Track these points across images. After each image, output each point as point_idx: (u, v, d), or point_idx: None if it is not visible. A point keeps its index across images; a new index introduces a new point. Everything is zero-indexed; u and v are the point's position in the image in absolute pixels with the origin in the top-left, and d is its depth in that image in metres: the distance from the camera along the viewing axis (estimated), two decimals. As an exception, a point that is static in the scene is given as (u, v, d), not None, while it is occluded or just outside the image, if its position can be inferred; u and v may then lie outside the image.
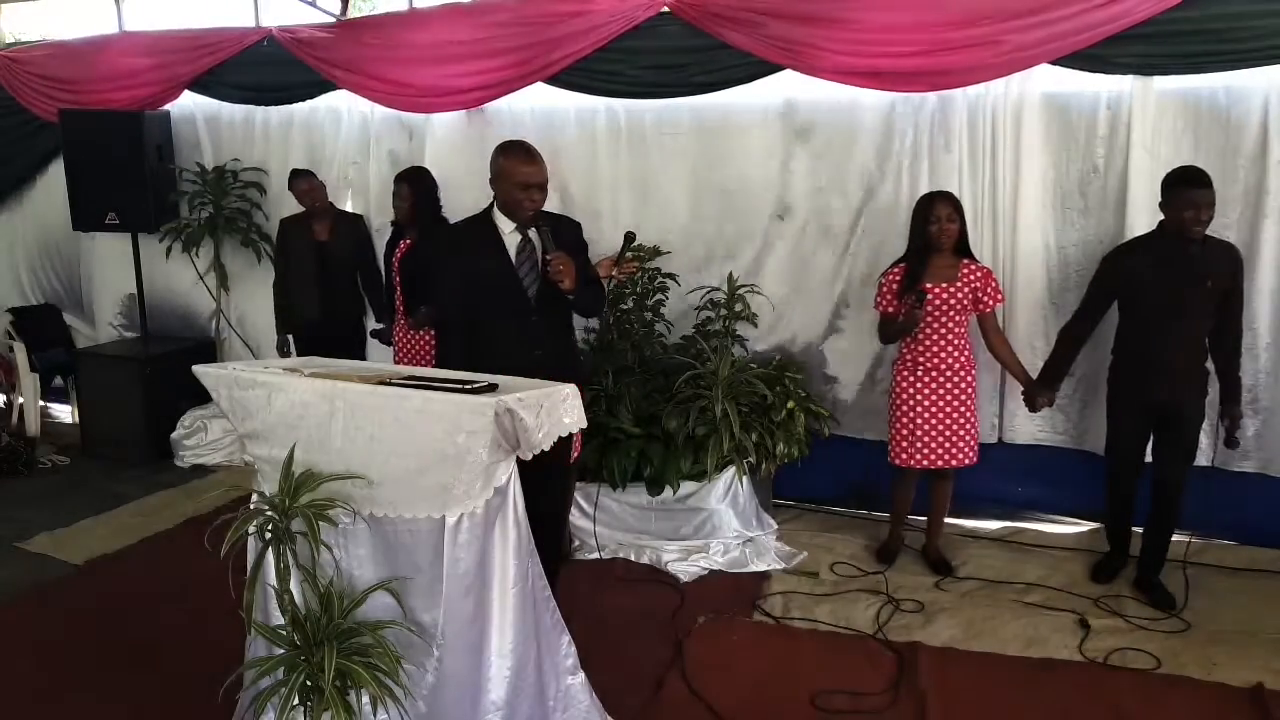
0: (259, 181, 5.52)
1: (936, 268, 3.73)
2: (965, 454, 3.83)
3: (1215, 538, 4.06)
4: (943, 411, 3.79)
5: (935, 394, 3.78)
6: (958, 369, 3.78)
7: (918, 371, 3.80)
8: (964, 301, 3.73)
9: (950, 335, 3.76)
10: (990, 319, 3.82)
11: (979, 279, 3.75)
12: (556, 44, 4.47)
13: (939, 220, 3.69)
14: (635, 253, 4.21)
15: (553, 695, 2.55)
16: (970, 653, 3.34)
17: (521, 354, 2.95)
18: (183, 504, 4.83)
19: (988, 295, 3.75)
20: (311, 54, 5.02)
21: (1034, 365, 3.97)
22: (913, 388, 3.81)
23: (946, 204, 3.72)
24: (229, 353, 5.82)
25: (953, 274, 3.73)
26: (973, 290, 3.74)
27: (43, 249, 6.36)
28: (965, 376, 3.79)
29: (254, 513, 2.24)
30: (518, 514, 2.39)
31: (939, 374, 3.78)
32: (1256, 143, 3.76)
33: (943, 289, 3.71)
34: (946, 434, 3.80)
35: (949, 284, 3.72)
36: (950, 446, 3.81)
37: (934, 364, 3.78)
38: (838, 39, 4.01)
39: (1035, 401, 3.78)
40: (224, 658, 2.54)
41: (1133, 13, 3.63)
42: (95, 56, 5.64)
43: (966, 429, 3.81)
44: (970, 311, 3.79)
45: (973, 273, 3.76)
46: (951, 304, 3.72)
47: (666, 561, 4.02)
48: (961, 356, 3.79)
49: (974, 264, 3.79)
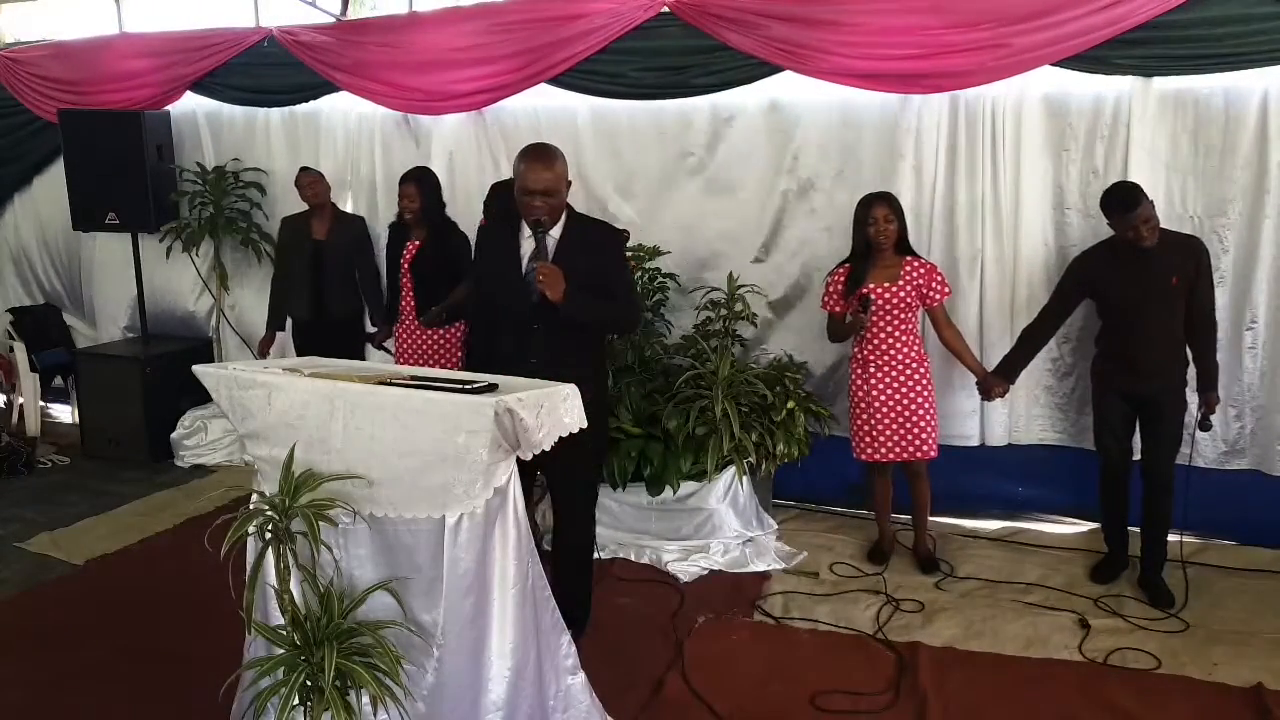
0: (259, 181, 5.52)
1: (880, 267, 3.82)
2: (924, 446, 3.88)
3: (1215, 538, 4.06)
4: (899, 405, 3.84)
5: (889, 389, 3.85)
6: (909, 364, 3.85)
7: (869, 368, 3.87)
8: (909, 299, 3.81)
9: (898, 332, 3.83)
10: (939, 312, 3.89)
11: (922, 275, 3.82)
12: (557, 46, 4.47)
13: (876, 221, 3.78)
14: (634, 252, 4.21)
15: (553, 695, 2.55)
16: (970, 653, 3.34)
17: (518, 362, 2.88)
18: (183, 504, 4.83)
19: (933, 290, 3.82)
20: (312, 56, 5.02)
21: (1037, 367, 3.98)
22: (866, 384, 3.88)
23: (884, 205, 3.80)
24: (228, 353, 5.82)
25: (895, 273, 3.81)
26: (916, 287, 3.81)
27: (44, 249, 6.36)
28: (918, 369, 3.86)
29: (254, 513, 2.24)
30: (518, 514, 2.38)
31: (890, 369, 3.84)
32: (1255, 143, 3.77)
33: (885, 288, 3.79)
34: (905, 427, 3.85)
35: (891, 283, 3.80)
36: (909, 440, 3.86)
37: (884, 360, 3.85)
38: (838, 41, 4.02)
39: (990, 391, 3.85)
40: (224, 658, 2.54)
41: (1134, 15, 3.64)
42: (96, 57, 5.64)
43: (924, 421, 3.86)
44: (917, 307, 3.86)
45: (915, 270, 3.82)
46: (895, 302, 3.80)
47: (666, 561, 4.02)
48: (912, 352, 3.86)
49: (917, 260, 3.86)
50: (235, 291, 5.75)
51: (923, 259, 3.89)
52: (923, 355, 3.90)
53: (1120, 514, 3.84)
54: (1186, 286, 3.51)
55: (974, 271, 4.21)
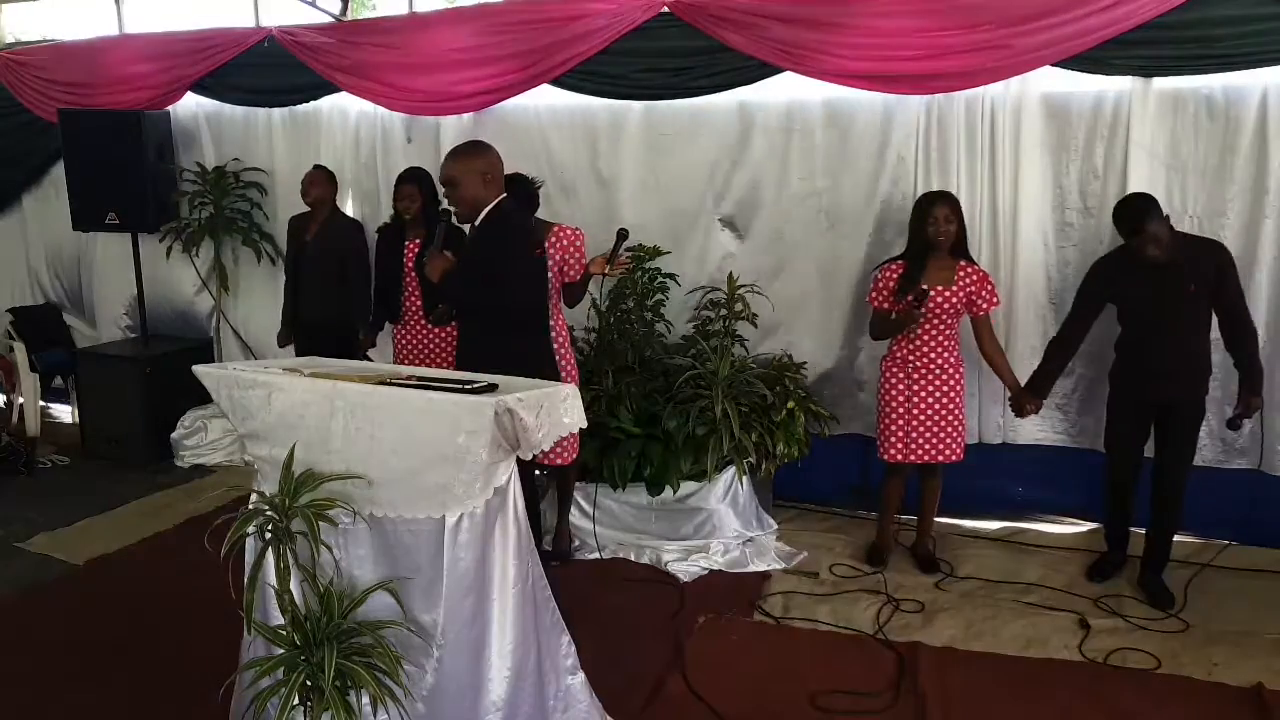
0: (259, 181, 5.52)
1: (934, 269, 3.73)
2: (953, 450, 3.86)
3: (1215, 538, 4.06)
4: (933, 409, 3.81)
5: (926, 392, 3.80)
6: (948, 369, 3.80)
7: (907, 368, 3.82)
8: (959, 305, 3.74)
9: (942, 337, 3.78)
10: (984, 322, 3.82)
11: (975, 282, 3.75)
12: (558, 47, 4.46)
13: (937, 221, 3.68)
14: (634, 252, 4.21)
15: (553, 695, 2.55)
16: (970, 653, 3.34)
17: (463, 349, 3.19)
18: (183, 504, 4.83)
19: (983, 299, 3.75)
20: (312, 56, 5.01)
21: (1033, 366, 3.97)
22: (903, 384, 3.82)
23: (945, 205, 3.71)
24: (229, 353, 5.81)
25: (949, 276, 3.73)
26: (968, 294, 3.74)
27: (46, 249, 6.35)
28: (955, 375, 3.82)
29: (254, 513, 2.24)
30: (518, 514, 2.39)
31: (929, 373, 3.79)
32: (1255, 143, 3.77)
33: (938, 290, 3.71)
34: (937, 431, 3.83)
35: (945, 286, 3.72)
36: (939, 443, 3.83)
37: (924, 364, 3.79)
38: (839, 43, 4.02)
39: (1023, 409, 3.81)
40: (224, 658, 2.54)
41: (1135, 15, 3.64)
42: (97, 59, 5.64)
43: (956, 426, 3.84)
44: (963, 314, 3.80)
45: (969, 276, 3.75)
46: (946, 306, 3.73)
47: (666, 561, 4.02)
48: (951, 357, 3.81)
49: (971, 266, 3.79)
50: (235, 291, 5.74)
51: (977, 265, 3.82)
52: (960, 361, 3.84)
53: (1124, 518, 3.83)
54: (1208, 293, 3.47)
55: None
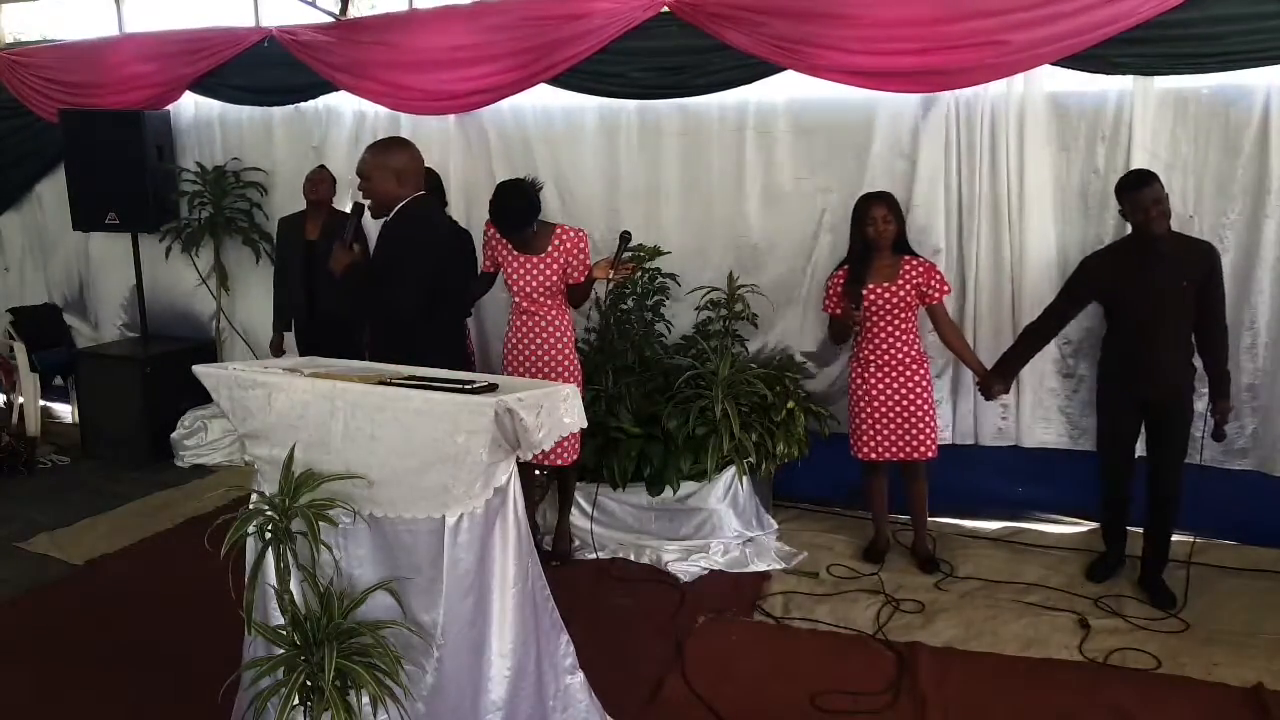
0: (259, 181, 5.52)
1: (878, 267, 3.83)
2: (926, 447, 3.89)
3: (1215, 538, 4.05)
4: (898, 405, 3.86)
5: (889, 388, 3.86)
6: (908, 363, 3.86)
7: (870, 368, 3.89)
8: (907, 298, 3.81)
9: (897, 331, 3.85)
10: (940, 311, 3.90)
11: (921, 274, 3.82)
12: (557, 46, 4.46)
13: (875, 221, 3.79)
14: (634, 252, 4.21)
15: (552, 695, 2.55)
16: (970, 653, 3.34)
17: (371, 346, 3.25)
18: (183, 504, 4.83)
19: (932, 288, 3.83)
20: (312, 56, 5.01)
21: (1039, 366, 3.98)
22: (866, 383, 3.90)
23: (882, 205, 3.82)
24: (229, 353, 5.81)
25: (893, 272, 3.82)
26: (915, 286, 3.81)
27: (47, 249, 6.35)
28: (917, 370, 3.87)
29: (254, 513, 2.24)
30: (518, 514, 2.39)
31: (890, 369, 3.86)
32: (1257, 142, 3.76)
33: (884, 288, 3.80)
34: (904, 427, 3.87)
35: (889, 282, 3.80)
36: (910, 439, 3.87)
37: (884, 360, 3.86)
38: (837, 36, 4.01)
39: (990, 391, 3.85)
40: (224, 658, 2.54)
41: (1136, 13, 3.63)
42: (98, 59, 5.63)
43: (925, 421, 3.88)
44: (917, 307, 3.87)
45: (914, 269, 3.83)
46: (894, 302, 3.80)
47: (666, 561, 4.02)
48: (912, 351, 3.87)
49: (915, 259, 3.86)
50: (235, 291, 5.74)
51: (921, 258, 3.90)
52: (922, 355, 3.91)
53: (1121, 517, 3.83)
54: (1196, 291, 3.48)
55: (974, 271, 4.21)
